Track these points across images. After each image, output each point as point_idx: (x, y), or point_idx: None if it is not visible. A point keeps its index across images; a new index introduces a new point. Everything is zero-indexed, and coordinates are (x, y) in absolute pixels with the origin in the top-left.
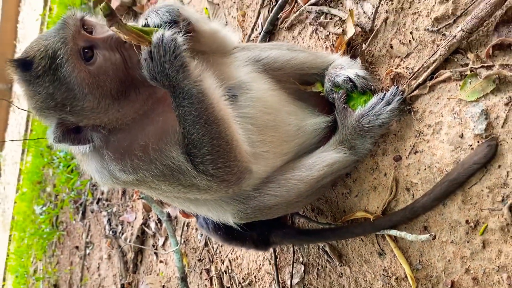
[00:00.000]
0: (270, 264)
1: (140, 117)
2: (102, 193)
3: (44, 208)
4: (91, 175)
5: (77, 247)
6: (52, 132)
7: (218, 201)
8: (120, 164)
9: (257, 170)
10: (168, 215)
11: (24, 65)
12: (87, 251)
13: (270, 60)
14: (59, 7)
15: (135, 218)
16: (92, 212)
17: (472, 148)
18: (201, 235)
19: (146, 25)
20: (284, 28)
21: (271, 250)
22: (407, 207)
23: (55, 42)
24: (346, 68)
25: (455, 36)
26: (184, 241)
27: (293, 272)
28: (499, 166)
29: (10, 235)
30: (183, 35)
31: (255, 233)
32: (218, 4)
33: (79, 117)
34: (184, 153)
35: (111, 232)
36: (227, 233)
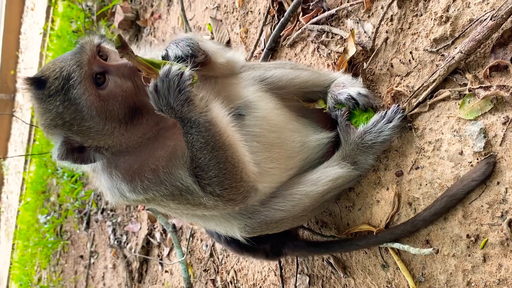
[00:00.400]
0: (276, 275)
1: (149, 141)
2: (107, 203)
3: (48, 218)
4: (103, 191)
5: (81, 256)
6: (57, 149)
7: (226, 216)
8: (130, 185)
9: (263, 187)
10: (174, 226)
11: (38, 83)
12: (92, 260)
13: (275, 79)
14: (62, 19)
15: (140, 228)
16: (96, 221)
17: (472, 165)
18: (206, 245)
19: (166, 55)
20: (286, 45)
21: (276, 261)
22: (408, 221)
23: (71, 65)
24: (348, 86)
25: (454, 57)
26: (189, 252)
27: (298, 284)
28: (498, 183)
29: (13, 244)
30: (194, 67)
31: (268, 246)
32: (221, 21)
33: (85, 138)
34: (192, 175)
35: (116, 242)
36: (239, 244)
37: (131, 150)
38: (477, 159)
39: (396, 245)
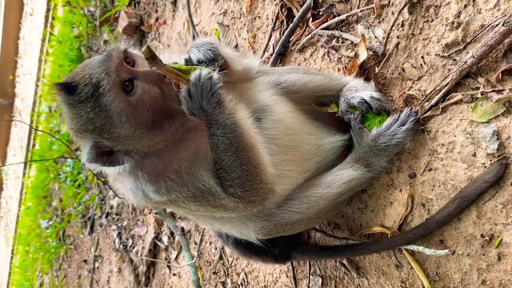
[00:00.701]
0: (287, 276)
1: (172, 144)
2: (112, 207)
3: (50, 222)
4: (124, 194)
5: (85, 261)
6: (87, 153)
7: (242, 219)
8: (155, 186)
9: (280, 189)
10: (182, 229)
11: (69, 89)
12: (96, 265)
13: (289, 84)
14: (63, 25)
15: (146, 232)
16: (101, 226)
17: (485, 166)
18: (215, 248)
19: (189, 59)
20: (295, 50)
21: (285, 264)
22: (421, 224)
23: (100, 73)
24: (360, 90)
25: (466, 61)
26: (198, 255)
27: (311, 285)
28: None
29: (13, 249)
30: (218, 72)
31: (277, 250)
32: (228, 26)
33: (115, 143)
34: (214, 177)
35: (121, 246)
36: (247, 248)
37: (157, 152)
38: (490, 160)
39: (411, 247)
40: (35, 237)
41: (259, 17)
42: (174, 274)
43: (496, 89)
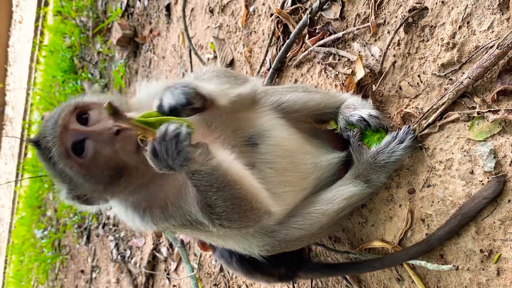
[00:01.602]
0: None
1: (154, 180)
2: (108, 218)
3: (45, 232)
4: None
5: (82, 271)
6: (63, 195)
7: (245, 235)
8: (143, 220)
9: (279, 209)
10: (182, 242)
11: (37, 145)
12: (94, 275)
13: (291, 103)
14: (55, 35)
15: (145, 243)
16: (97, 236)
17: (483, 184)
18: (216, 260)
19: (160, 105)
20: (292, 65)
21: (293, 281)
22: (423, 240)
23: (49, 141)
24: (359, 108)
25: (462, 82)
26: (198, 266)
27: None
28: (509, 201)
29: (6, 259)
30: (194, 113)
31: (282, 269)
32: (224, 40)
33: (83, 193)
34: (200, 211)
35: (119, 257)
36: (252, 268)
37: (136, 191)
38: (488, 178)
39: (413, 261)
40: (30, 247)
41: (255, 31)
42: (174, 286)
43: (492, 109)
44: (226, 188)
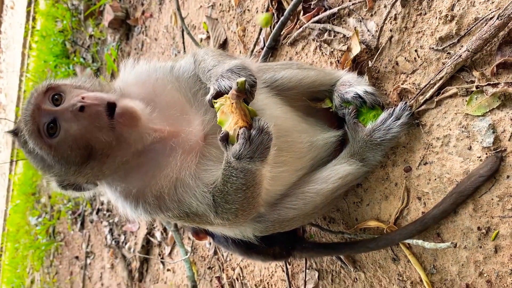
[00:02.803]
0: (283, 270)
1: (142, 161)
2: (102, 204)
3: (39, 219)
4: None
5: (77, 257)
6: (54, 185)
7: None
8: (136, 210)
9: (273, 190)
10: (176, 226)
11: (15, 135)
12: (88, 261)
13: (285, 81)
14: (47, 19)
15: (139, 227)
16: (91, 222)
17: (481, 160)
18: (210, 243)
19: (221, 88)
20: (287, 43)
21: (288, 259)
22: (417, 219)
23: (22, 122)
24: (354, 85)
25: (461, 55)
26: (192, 250)
27: (307, 279)
28: (508, 177)
29: (1, 247)
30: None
31: (277, 248)
32: (217, 19)
33: (63, 178)
34: (210, 205)
35: (113, 242)
36: (248, 248)
37: (122, 176)
38: (486, 154)
39: (409, 240)
40: (24, 234)
41: (248, 10)
42: (168, 270)
43: (491, 82)
44: (252, 188)
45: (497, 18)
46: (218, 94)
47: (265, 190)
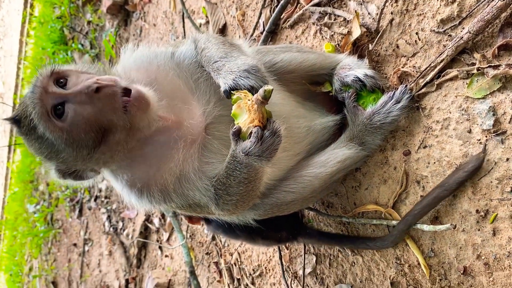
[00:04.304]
0: (281, 257)
1: (146, 152)
2: (100, 191)
3: (37, 207)
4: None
5: (75, 244)
6: (53, 174)
7: None
8: (141, 200)
9: (272, 175)
10: (174, 212)
11: (16, 122)
12: (86, 248)
13: (285, 63)
14: (44, 6)
15: (137, 214)
16: (89, 209)
17: (480, 143)
18: (208, 229)
19: (236, 84)
20: (287, 27)
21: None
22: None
23: (29, 105)
24: (354, 68)
25: (462, 37)
26: (190, 236)
27: (305, 263)
28: (507, 159)
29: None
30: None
31: (284, 233)
32: (216, 4)
33: (69, 165)
34: (212, 197)
35: (111, 229)
36: (252, 234)
37: (127, 166)
38: (486, 136)
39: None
40: (23, 222)
41: None
42: (166, 256)
43: (492, 64)
44: (254, 182)
45: None
46: (232, 89)
47: (264, 183)
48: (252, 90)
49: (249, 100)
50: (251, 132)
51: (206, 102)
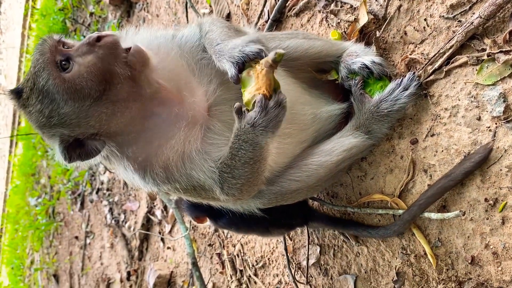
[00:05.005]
0: (285, 248)
1: (148, 125)
2: (102, 183)
3: (39, 200)
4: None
5: (76, 237)
6: (59, 153)
7: None
8: (144, 180)
9: (276, 162)
10: (176, 203)
11: (17, 93)
12: (88, 241)
13: (290, 50)
14: None
15: (139, 206)
16: (91, 202)
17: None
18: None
19: (243, 53)
20: (292, 15)
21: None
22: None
23: (35, 56)
24: (361, 55)
25: (472, 22)
26: (192, 227)
27: (309, 253)
28: None
29: (1, 228)
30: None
31: (298, 220)
32: None
33: (71, 127)
34: (217, 180)
35: (113, 221)
36: (265, 227)
37: (131, 140)
38: (496, 124)
39: None
40: (24, 215)
41: None
42: (168, 248)
43: (504, 49)
44: (259, 162)
45: None
46: (240, 68)
47: (269, 167)
48: (261, 58)
49: (259, 65)
50: (255, 101)
51: (208, 82)
